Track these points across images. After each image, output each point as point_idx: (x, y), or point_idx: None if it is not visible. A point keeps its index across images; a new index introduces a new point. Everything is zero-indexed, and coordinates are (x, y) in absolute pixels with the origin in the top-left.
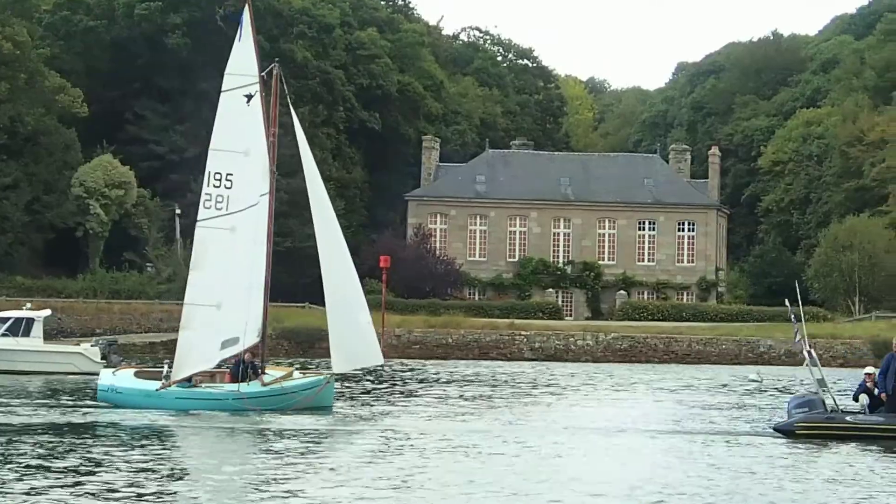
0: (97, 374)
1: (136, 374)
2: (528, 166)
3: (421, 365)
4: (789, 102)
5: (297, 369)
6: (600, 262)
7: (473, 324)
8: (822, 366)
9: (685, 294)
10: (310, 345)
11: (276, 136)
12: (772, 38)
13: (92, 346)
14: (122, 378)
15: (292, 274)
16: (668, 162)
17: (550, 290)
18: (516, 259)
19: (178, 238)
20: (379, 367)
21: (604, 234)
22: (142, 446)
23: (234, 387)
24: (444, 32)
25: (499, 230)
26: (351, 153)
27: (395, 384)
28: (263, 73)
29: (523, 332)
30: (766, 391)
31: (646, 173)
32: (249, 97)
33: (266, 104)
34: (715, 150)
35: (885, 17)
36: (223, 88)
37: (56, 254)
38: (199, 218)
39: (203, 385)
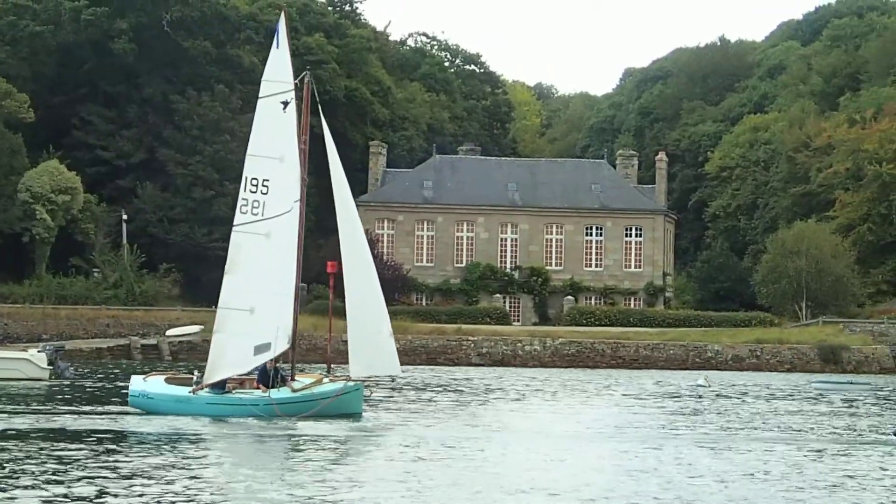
0: (44, 379)
1: (167, 381)
2: (475, 172)
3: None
4: (736, 108)
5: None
6: (548, 268)
7: (421, 329)
8: (769, 371)
9: (632, 299)
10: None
11: (308, 144)
12: (719, 43)
13: (38, 352)
14: (153, 384)
15: None
16: (615, 167)
17: (498, 295)
18: (464, 264)
19: (125, 243)
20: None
21: (551, 240)
22: (172, 452)
23: (264, 393)
24: (391, 38)
25: (446, 235)
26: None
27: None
28: (297, 81)
29: (471, 338)
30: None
31: (593, 179)
32: (286, 104)
33: (298, 112)
34: (662, 155)
35: (831, 23)
36: (260, 95)
37: (2, 259)
38: (235, 222)
39: (234, 391)
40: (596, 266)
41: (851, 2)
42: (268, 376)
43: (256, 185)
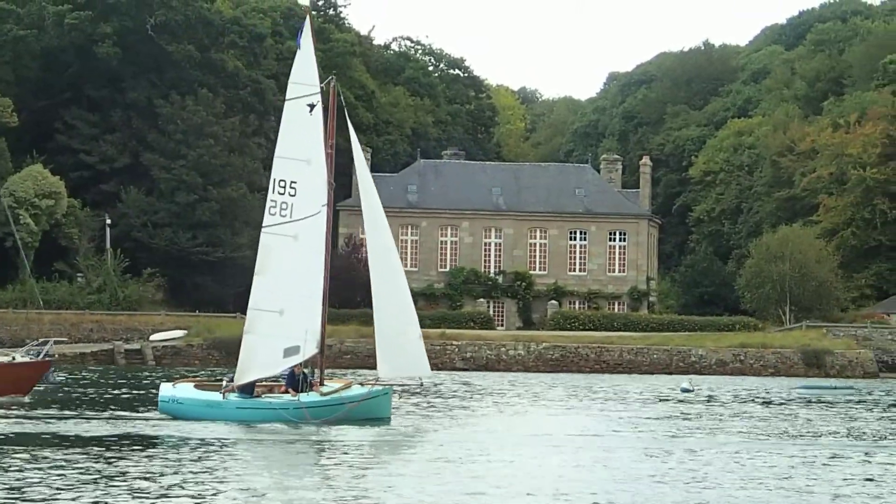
0: None
1: (196, 386)
2: (459, 176)
3: (352, 374)
4: (720, 112)
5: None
6: (531, 272)
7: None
8: (753, 375)
9: (616, 304)
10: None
11: (334, 149)
12: (703, 48)
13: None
14: (183, 390)
15: (222, 284)
16: (599, 172)
17: (482, 299)
18: (447, 269)
19: (109, 248)
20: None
21: (535, 244)
22: (205, 457)
23: (293, 397)
24: (375, 42)
25: (430, 240)
26: None
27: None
28: (322, 85)
29: (455, 342)
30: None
31: (577, 183)
32: (311, 107)
33: (325, 115)
34: (646, 159)
35: (814, 27)
36: (287, 97)
37: None
38: (264, 224)
39: (263, 396)
40: (580, 270)
41: (835, 6)
42: (296, 381)
43: (284, 187)
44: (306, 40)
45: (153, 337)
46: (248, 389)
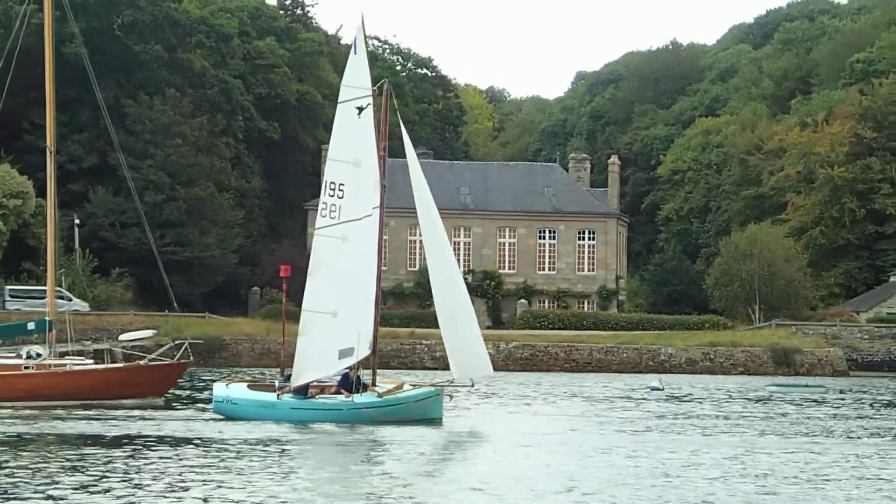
0: None
1: (250, 386)
2: (427, 175)
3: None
4: (688, 111)
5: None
6: (501, 271)
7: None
8: (723, 374)
9: (586, 302)
10: (209, 354)
11: (386, 151)
12: (670, 47)
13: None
14: (237, 390)
15: (190, 283)
16: (567, 171)
17: None
18: (416, 268)
19: (77, 248)
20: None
21: (504, 243)
22: (260, 456)
23: (348, 398)
24: (342, 41)
25: (399, 239)
26: (250, 162)
27: None
28: (375, 87)
29: (424, 342)
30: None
31: (545, 182)
32: (360, 109)
33: (377, 117)
34: (614, 158)
35: (782, 26)
36: (339, 100)
37: None
38: (315, 226)
39: (316, 396)
40: (549, 269)
41: (802, 5)
42: (350, 382)
43: (334, 190)
44: (360, 44)
45: (122, 337)
46: (301, 390)
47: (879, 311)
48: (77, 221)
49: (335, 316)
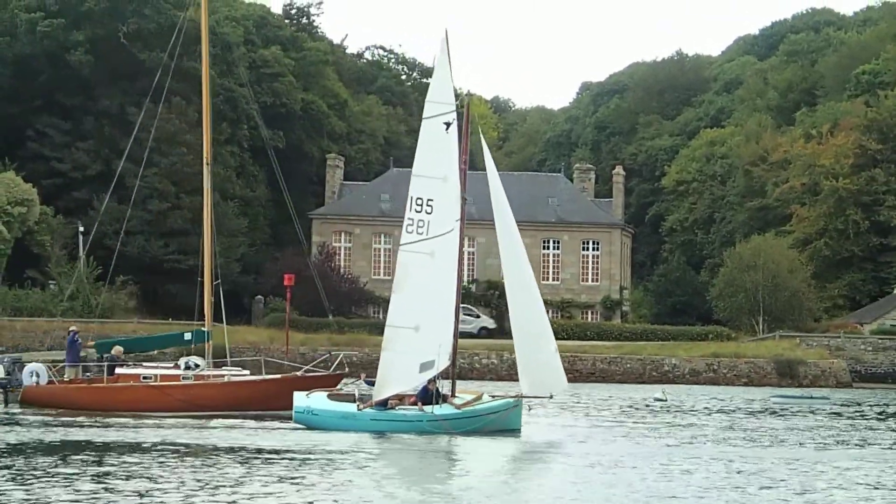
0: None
1: (329, 397)
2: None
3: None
4: (693, 122)
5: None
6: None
7: (378, 342)
8: (726, 385)
9: (589, 313)
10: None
11: (467, 164)
12: (676, 58)
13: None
14: (317, 400)
15: (191, 294)
16: (572, 181)
17: None
18: None
19: (81, 256)
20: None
21: None
22: (341, 466)
23: (427, 409)
24: (348, 51)
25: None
26: (254, 171)
27: None
28: (458, 103)
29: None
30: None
31: (550, 192)
32: (448, 125)
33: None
34: (619, 169)
35: (787, 38)
36: (425, 115)
37: None
38: (401, 242)
39: (396, 407)
40: (553, 280)
41: (807, 17)
42: (429, 395)
43: (421, 205)
44: (444, 60)
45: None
46: (381, 401)
47: (883, 322)
48: (81, 229)
49: (417, 330)
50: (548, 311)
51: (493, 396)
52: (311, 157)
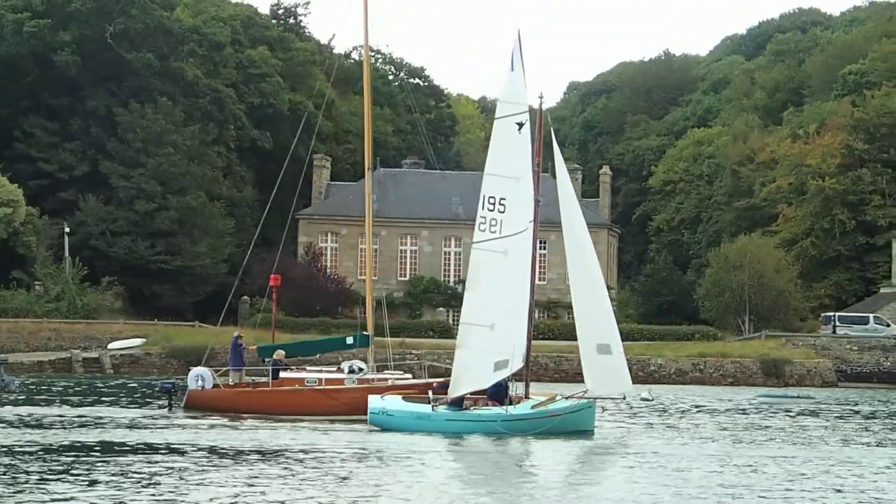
0: None
1: (404, 398)
2: (419, 185)
3: None
4: (680, 122)
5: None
6: None
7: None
8: (712, 384)
9: None
10: (198, 363)
11: (540, 167)
12: (663, 57)
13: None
14: (392, 401)
15: (181, 293)
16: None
17: (441, 308)
18: (407, 278)
19: (67, 256)
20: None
21: None
22: (417, 468)
23: (502, 409)
24: (335, 51)
25: (390, 249)
26: (241, 172)
27: None
28: (531, 104)
29: (414, 351)
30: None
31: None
32: (521, 125)
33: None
34: (606, 169)
35: (774, 37)
36: (496, 116)
37: None
38: (474, 240)
39: (471, 408)
40: (539, 279)
41: (795, 16)
42: (502, 393)
43: (494, 204)
44: (517, 60)
45: (111, 345)
46: (457, 402)
47: None
48: (67, 230)
49: (492, 329)
50: (534, 311)
51: (566, 398)
52: (297, 157)
